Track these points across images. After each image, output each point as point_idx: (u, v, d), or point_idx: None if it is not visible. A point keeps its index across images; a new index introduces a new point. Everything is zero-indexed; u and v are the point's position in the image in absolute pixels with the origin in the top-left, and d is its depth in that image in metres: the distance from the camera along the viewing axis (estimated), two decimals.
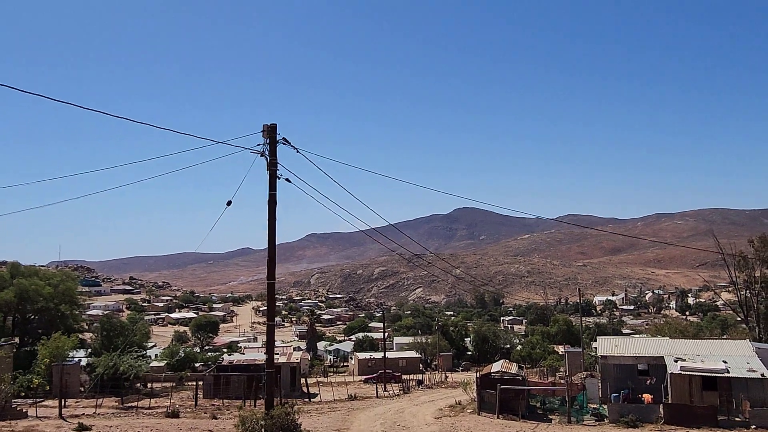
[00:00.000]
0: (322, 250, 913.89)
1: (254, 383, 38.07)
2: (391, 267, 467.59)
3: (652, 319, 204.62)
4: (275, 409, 16.72)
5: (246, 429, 16.19)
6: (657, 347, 36.11)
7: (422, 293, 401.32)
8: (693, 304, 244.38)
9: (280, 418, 16.18)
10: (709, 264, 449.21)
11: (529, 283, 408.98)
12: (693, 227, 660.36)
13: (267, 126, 17.71)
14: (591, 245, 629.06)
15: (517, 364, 41.61)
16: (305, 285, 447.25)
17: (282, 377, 46.30)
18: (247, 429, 16.16)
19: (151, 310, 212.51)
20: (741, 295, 62.61)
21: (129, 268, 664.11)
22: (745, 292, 61.63)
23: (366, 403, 41.43)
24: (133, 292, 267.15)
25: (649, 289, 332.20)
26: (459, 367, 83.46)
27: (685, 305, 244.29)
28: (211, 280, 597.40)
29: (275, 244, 18.28)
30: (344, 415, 33.05)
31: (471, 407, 34.70)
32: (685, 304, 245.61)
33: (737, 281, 62.26)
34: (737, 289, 62.71)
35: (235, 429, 17.07)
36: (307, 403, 40.36)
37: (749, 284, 61.32)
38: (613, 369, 35.32)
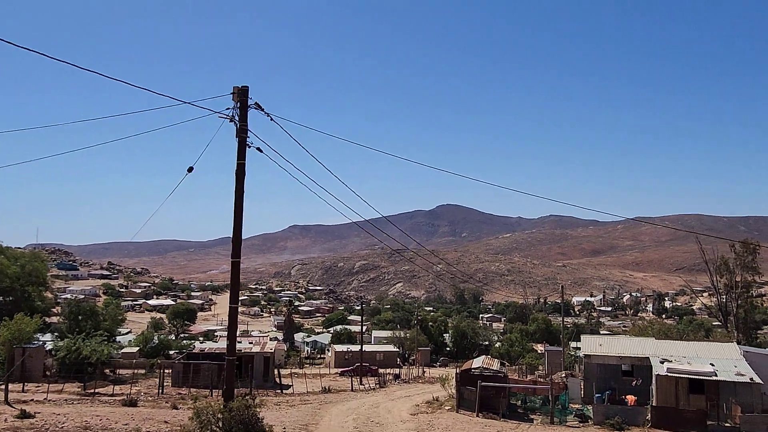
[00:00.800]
0: (304, 242, 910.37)
1: None
2: (372, 261, 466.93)
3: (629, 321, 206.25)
4: (235, 402, 15.12)
5: (201, 423, 14.48)
6: (642, 348, 35.18)
7: (402, 288, 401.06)
8: (670, 308, 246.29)
9: (240, 411, 14.58)
10: (686, 268, 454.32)
11: (509, 281, 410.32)
12: (672, 232, 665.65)
13: (237, 88, 16.11)
14: (571, 246, 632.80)
15: (499, 360, 39.93)
16: (286, 276, 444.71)
17: (255, 367, 44.79)
18: (202, 423, 14.47)
19: (128, 296, 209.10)
20: (721, 299, 62.32)
21: (109, 253, 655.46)
22: (725, 297, 61.29)
23: (340, 396, 39.81)
24: (110, 277, 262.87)
25: (627, 292, 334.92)
26: (437, 363, 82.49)
27: (661, 308, 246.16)
28: (191, 268, 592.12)
29: (242, 219, 16.73)
30: (315, 408, 31.38)
31: (449, 404, 33.20)
32: (662, 308, 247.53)
33: (717, 286, 61.93)
34: (717, 293, 62.34)
35: (190, 423, 15.26)
36: (278, 395, 38.76)
37: (730, 288, 61.02)
38: (596, 369, 34.27)
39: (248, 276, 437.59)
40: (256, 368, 45.35)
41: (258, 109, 16.07)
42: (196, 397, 26.08)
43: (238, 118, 15.98)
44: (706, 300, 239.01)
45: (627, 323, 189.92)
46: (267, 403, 32.48)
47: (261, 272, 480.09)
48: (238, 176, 16.61)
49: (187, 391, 37.72)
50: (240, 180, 16.65)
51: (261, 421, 15.32)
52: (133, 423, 21.41)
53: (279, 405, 32.58)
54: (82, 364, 42.36)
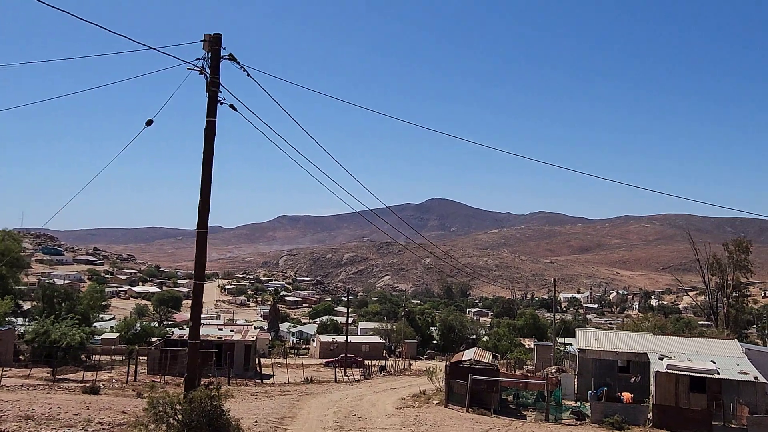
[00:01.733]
0: (293, 233, 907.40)
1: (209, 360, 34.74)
2: (360, 253, 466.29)
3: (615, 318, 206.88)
4: (196, 392, 13.24)
5: (156, 414, 12.65)
6: (639, 343, 33.84)
7: (390, 281, 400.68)
8: (656, 306, 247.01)
9: (202, 402, 12.78)
10: (673, 268, 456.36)
11: (497, 276, 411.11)
12: (659, 231, 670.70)
13: (210, 36, 14.04)
14: (559, 243, 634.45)
15: (491, 353, 38.12)
16: (274, 266, 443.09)
17: (235, 356, 43.17)
18: (158, 415, 12.65)
19: (113, 282, 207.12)
20: (712, 297, 61.44)
21: (96, 239, 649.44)
22: (717, 295, 60.42)
23: (322, 387, 38.11)
24: (96, 263, 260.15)
25: (614, 289, 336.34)
26: (423, 356, 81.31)
27: (648, 306, 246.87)
28: (178, 256, 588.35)
29: (210, 183, 14.80)
30: (294, 400, 29.47)
31: (437, 398, 31.46)
32: (648, 306, 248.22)
33: (709, 284, 61.02)
34: (709, 291, 61.43)
35: (144, 414, 13.25)
36: (258, 385, 37.16)
37: (721, 287, 60.20)
38: (591, 364, 32.77)
39: (236, 265, 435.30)
40: (237, 357, 43.66)
41: (232, 60, 14.03)
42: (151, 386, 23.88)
43: (209, 69, 14.03)
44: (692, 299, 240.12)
45: (613, 320, 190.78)
46: (243, 393, 30.72)
47: (249, 262, 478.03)
48: (207, 136, 14.57)
49: (161, 378, 35.89)
50: (209, 140, 14.60)
51: (226, 414, 13.42)
52: (87, 413, 19.49)
53: (256, 395, 30.72)
54: (52, 348, 40.45)
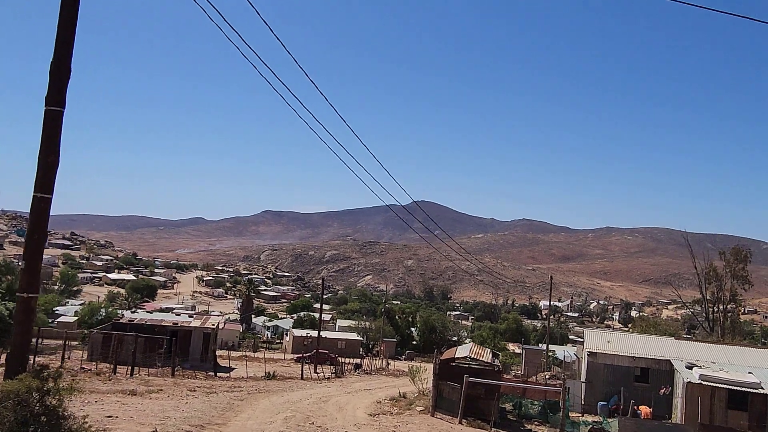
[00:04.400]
0: (277, 228, 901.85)
1: (158, 347, 30.83)
2: (343, 251, 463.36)
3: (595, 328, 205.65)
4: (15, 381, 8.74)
5: None
6: (661, 348, 29.79)
7: (372, 281, 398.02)
8: (636, 317, 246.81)
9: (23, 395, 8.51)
10: (653, 281, 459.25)
11: (478, 281, 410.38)
12: (641, 243, 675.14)
13: None
14: (542, 251, 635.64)
15: (491, 350, 33.03)
16: (255, 261, 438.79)
17: (191, 344, 38.92)
18: None
19: (88, 268, 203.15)
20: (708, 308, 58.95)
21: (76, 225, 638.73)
22: (713, 307, 57.96)
23: (284, 384, 33.83)
24: (72, 248, 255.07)
25: (594, 299, 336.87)
26: (402, 356, 78.22)
27: (628, 317, 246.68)
28: (159, 246, 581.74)
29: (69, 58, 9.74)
30: (237, 399, 24.30)
31: (421, 403, 26.29)
32: (628, 317, 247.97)
33: (705, 294, 58.54)
34: (705, 301, 58.95)
35: None
36: (208, 378, 33.19)
37: (717, 298, 57.79)
38: (603, 370, 28.80)
39: (217, 258, 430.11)
40: (193, 346, 39.40)
41: None
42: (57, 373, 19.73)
43: None
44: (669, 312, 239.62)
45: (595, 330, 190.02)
46: (177, 388, 26.24)
47: (230, 255, 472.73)
48: None
49: (94, 366, 31.92)
50: None
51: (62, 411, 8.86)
52: None
53: (193, 391, 25.63)
54: None
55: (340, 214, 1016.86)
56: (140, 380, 27.89)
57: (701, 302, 63.08)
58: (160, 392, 23.73)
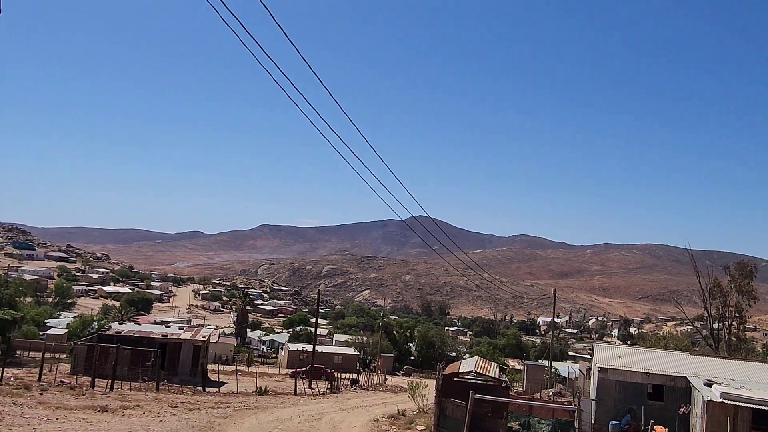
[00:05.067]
0: (274, 242, 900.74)
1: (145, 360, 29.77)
2: (341, 266, 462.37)
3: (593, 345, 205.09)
4: None
5: None
6: (676, 364, 28.35)
7: (369, 296, 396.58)
8: (635, 334, 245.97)
9: None
10: (651, 297, 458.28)
11: (476, 297, 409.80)
12: (639, 260, 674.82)
13: None
14: (540, 267, 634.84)
15: (498, 364, 31.39)
16: (252, 274, 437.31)
17: (181, 358, 37.86)
18: None
19: (84, 281, 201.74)
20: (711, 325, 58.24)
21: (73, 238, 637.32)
22: (717, 323, 57.28)
23: (276, 400, 32.51)
24: (68, 260, 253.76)
25: (593, 316, 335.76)
26: (400, 371, 77.41)
27: (627, 334, 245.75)
28: (156, 260, 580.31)
29: None
30: (220, 417, 22.77)
31: (422, 422, 24.99)
32: (628, 333, 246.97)
33: (710, 309, 57.88)
34: (710, 318, 58.28)
35: None
36: (196, 393, 32.06)
37: (722, 315, 57.14)
38: (614, 387, 27.17)
39: (214, 272, 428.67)
40: (183, 359, 38.14)
41: None
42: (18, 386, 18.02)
43: None
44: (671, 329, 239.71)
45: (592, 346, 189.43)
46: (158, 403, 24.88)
47: (227, 269, 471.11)
48: None
49: (74, 379, 30.35)
50: None
51: None
52: None
53: (175, 407, 24.42)
54: None
55: (338, 228, 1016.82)
56: (118, 395, 26.77)
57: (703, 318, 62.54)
58: (136, 409, 22.45)
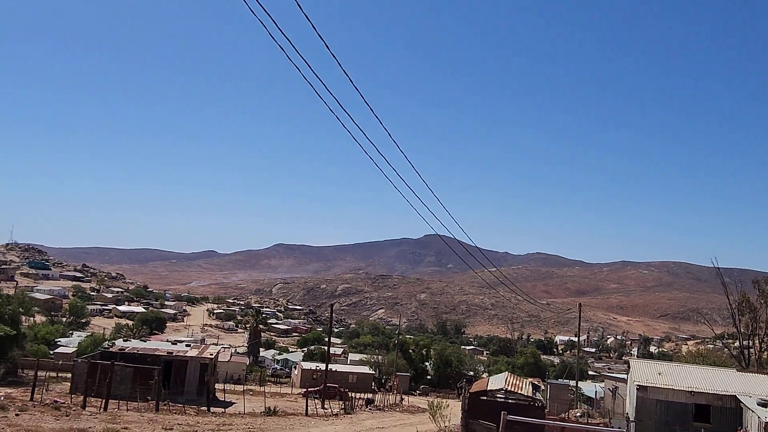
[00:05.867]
0: (289, 261, 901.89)
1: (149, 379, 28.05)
2: (355, 285, 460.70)
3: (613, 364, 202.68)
4: None
5: None
6: (724, 381, 25.98)
7: (384, 314, 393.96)
8: (656, 353, 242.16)
9: None
10: (671, 316, 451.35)
11: (492, 315, 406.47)
12: (657, 278, 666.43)
13: None
14: (556, 285, 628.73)
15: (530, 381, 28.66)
16: (267, 294, 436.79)
17: (188, 376, 36.08)
18: None
19: (98, 300, 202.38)
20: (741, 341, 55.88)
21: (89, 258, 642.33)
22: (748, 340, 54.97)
23: (284, 422, 30.54)
24: (83, 279, 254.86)
25: (611, 334, 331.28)
26: (417, 391, 75.37)
27: (647, 353, 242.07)
28: (171, 279, 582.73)
29: None
30: None
31: None
32: (647, 352, 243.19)
33: (739, 326, 55.63)
34: (740, 334, 55.99)
35: None
36: (199, 414, 30.16)
37: (752, 330, 54.89)
38: (655, 407, 24.88)
39: (229, 291, 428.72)
40: (189, 377, 36.31)
41: None
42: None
43: None
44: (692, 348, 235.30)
45: (612, 365, 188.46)
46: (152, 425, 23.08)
47: (242, 288, 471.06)
48: None
49: (68, 400, 28.13)
50: None
51: None
52: None
53: (170, 430, 22.48)
54: None
55: (353, 247, 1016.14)
56: (109, 417, 24.77)
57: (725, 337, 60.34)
58: None
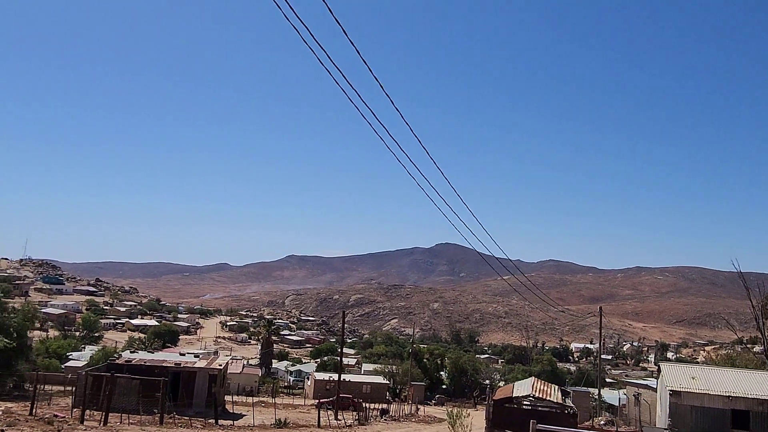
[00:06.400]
0: (302, 273, 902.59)
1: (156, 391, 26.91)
2: (368, 295, 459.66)
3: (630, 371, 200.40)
4: None
5: None
6: (763, 385, 24.53)
7: (397, 324, 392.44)
8: (673, 359, 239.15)
9: None
10: (687, 321, 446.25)
11: (506, 324, 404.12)
12: (672, 283, 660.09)
13: None
14: (570, 292, 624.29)
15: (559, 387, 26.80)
16: (279, 305, 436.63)
17: (197, 388, 35.16)
18: None
19: (112, 314, 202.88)
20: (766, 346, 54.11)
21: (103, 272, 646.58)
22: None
23: None
24: (96, 294, 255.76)
25: (627, 341, 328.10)
26: (432, 400, 74.12)
27: (664, 359, 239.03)
28: (184, 292, 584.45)
29: None
30: None
31: None
32: (665, 358, 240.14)
33: (763, 330, 53.90)
34: (765, 340, 54.25)
35: None
36: (206, 427, 29.14)
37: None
38: (690, 414, 23.66)
39: (242, 303, 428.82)
40: (198, 389, 35.39)
41: None
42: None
43: None
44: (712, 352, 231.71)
45: (629, 372, 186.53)
46: None
47: (255, 300, 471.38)
48: None
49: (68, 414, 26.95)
50: None
51: None
52: None
53: None
54: None
55: (365, 257, 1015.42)
56: (107, 430, 23.77)
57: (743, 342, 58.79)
58: None
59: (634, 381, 58.55)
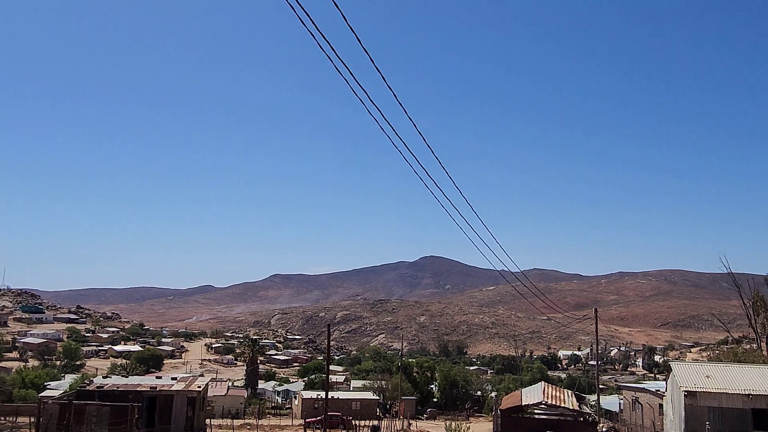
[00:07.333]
0: (287, 292, 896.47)
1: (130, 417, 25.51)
2: (354, 311, 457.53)
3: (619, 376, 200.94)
4: None
5: None
6: None
7: (384, 339, 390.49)
8: (661, 362, 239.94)
9: None
10: (672, 324, 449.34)
11: (493, 334, 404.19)
12: (655, 287, 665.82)
13: None
14: (555, 300, 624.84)
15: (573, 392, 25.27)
16: (265, 325, 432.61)
17: (174, 412, 33.65)
18: None
19: (94, 341, 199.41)
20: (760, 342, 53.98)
21: (85, 300, 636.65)
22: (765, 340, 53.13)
23: None
24: (77, 321, 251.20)
25: (614, 346, 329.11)
26: (424, 415, 72.88)
27: (652, 363, 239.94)
28: (168, 316, 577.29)
29: None
30: None
31: None
32: (653, 362, 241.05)
33: (756, 327, 53.80)
34: (758, 336, 54.15)
35: None
36: None
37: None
38: (707, 415, 22.41)
39: (227, 324, 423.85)
40: (176, 412, 33.80)
41: None
42: None
43: None
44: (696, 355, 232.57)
45: (618, 377, 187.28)
46: None
47: (240, 321, 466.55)
48: None
49: None
50: None
51: None
52: None
53: None
54: None
55: (350, 274, 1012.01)
56: None
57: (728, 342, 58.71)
58: None
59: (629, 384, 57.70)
